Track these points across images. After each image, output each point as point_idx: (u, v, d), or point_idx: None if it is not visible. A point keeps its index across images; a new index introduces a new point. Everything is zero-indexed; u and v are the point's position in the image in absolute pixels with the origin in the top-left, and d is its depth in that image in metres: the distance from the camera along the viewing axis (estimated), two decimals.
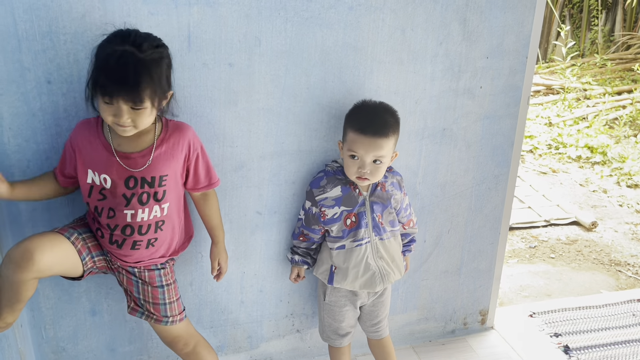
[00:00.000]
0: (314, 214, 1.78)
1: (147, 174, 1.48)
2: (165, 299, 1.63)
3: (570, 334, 2.34)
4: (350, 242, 1.75)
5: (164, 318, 1.64)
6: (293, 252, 1.89)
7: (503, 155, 2.07)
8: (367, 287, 1.79)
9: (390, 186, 1.78)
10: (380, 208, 1.75)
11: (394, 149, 1.70)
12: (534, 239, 3.42)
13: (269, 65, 1.70)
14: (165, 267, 1.64)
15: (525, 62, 1.95)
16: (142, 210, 1.51)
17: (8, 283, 1.39)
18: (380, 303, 1.88)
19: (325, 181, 1.76)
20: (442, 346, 2.25)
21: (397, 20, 1.77)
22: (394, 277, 1.82)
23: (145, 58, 1.35)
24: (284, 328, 2.08)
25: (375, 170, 1.66)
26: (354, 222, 1.74)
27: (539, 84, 6.60)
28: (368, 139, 1.62)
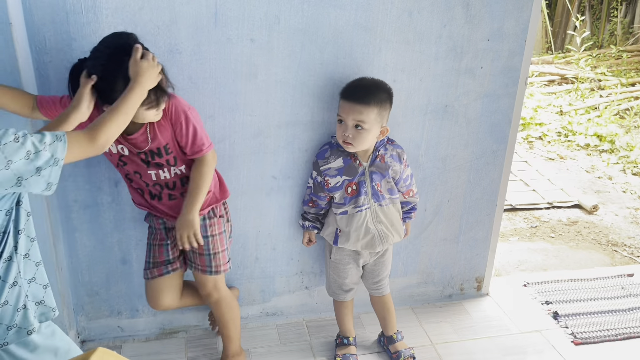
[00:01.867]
0: (320, 182, 1.97)
1: (152, 147, 1.66)
2: (210, 250, 1.82)
3: (561, 302, 2.51)
4: (352, 208, 1.94)
5: (207, 268, 1.83)
6: (304, 218, 2.08)
7: (501, 132, 2.23)
8: (368, 248, 1.98)
9: (389, 158, 1.94)
10: (379, 177, 1.92)
11: (378, 119, 1.82)
12: (535, 219, 3.57)
13: (287, 41, 1.87)
14: (211, 218, 1.82)
15: (524, 45, 2.10)
16: (162, 171, 1.71)
17: None
18: (381, 263, 2.07)
19: (329, 153, 1.95)
20: (439, 308, 2.44)
21: (405, 3, 1.93)
22: (392, 240, 2.01)
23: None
24: (294, 284, 2.28)
25: (358, 136, 1.81)
26: (354, 190, 1.92)
27: (553, 73, 6.68)
28: (349, 104, 1.80)
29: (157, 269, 1.84)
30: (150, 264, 1.85)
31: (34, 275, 1.23)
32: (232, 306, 1.96)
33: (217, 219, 1.84)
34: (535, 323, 2.37)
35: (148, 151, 1.67)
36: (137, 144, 1.65)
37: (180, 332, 2.22)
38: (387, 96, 1.86)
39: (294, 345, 2.18)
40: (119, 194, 1.95)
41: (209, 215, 1.83)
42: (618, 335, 2.30)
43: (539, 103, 5.72)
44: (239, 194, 2.04)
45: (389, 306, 2.15)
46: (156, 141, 1.66)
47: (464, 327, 2.32)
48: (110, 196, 1.95)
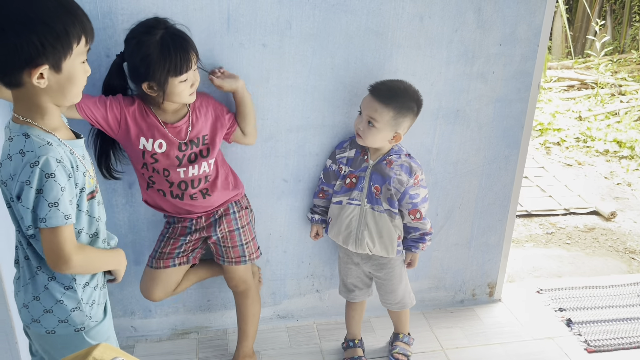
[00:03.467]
0: (334, 170, 1.99)
1: (192, 136, 1.74)
2: (242, 240, 1.90)
3: (575, 309, 2.48)
4: (346, 199, 1.95)
5: (242, 258, 1.91)
6: (313, 212, 2.10)
7: (513, 136, 2.22)
8: (344, 243, 1.98)
9: (397, 166, 1.89)
10: (380, 180, 1.90)
11: (392, 123, 1.81)
12: (551, 225, 3.54)
13: (298, 46, 1.90)
14: (239, 210, 1.89)
15: (536, 50, 2.09)
16: (192, 167, 1.76)
17: None
18: (382, 278, 2.02)
19: (348, 144, 1.98)
20: (451, 314, 2.43)
21: (416, 8, 1.94)
22: (370, 248, 1.94)
23: (180, 32, 1.61)
24: (305, 287, 2.29)
25: (368, 131, 1.83)
26: (352, 182, 1.93)
27: (573, 78, 6.61)
28: (369, 98, 1.83)
29: (164, 261, 1.88)
30: (157, 254, 1.89)
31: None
32: (256, 301, 2.02)
33: (244, 211, 1.92)
34: (548, 330, 2.35)
35: (188, 141, 1.73)
36: (180, 133, 1.72)
37: (192, 333, 2.25)
38: (413, 105, 1.83)
39: (304, 348, 2.19)
40: (132, 195, 1.99)
41: (237, 207, 1.89)
42: (632, 344, 2.26)
43: (557, 108, 5.66)
44: (251, 196, 2.07)
45: (401, 316, 2.15)
46: (196, 129, 1.74)
47: (475, 333, 2.31)
48: (125, 198, 1.99)
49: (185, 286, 2.00)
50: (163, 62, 1.56)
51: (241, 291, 1.99)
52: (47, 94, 1.17)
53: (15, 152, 1.16)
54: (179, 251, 1.89)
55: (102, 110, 1.67)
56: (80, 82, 1.21)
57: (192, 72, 1.64)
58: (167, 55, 1.56)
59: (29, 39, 1.08)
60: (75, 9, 1.16)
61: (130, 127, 1.70)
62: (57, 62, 1.13)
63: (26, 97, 1.17)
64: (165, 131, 1.71)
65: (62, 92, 1.18)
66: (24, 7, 1.08)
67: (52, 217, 1.17)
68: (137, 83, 1.62)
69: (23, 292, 1.31)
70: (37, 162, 1.13)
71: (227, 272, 1.96)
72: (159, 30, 1.57)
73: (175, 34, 1.60)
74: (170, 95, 1.62)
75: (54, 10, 1.11)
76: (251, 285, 2.00)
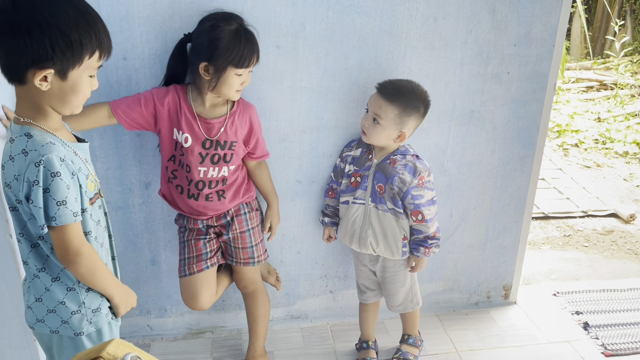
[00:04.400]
0: (342, 168, 2.00)
1: (221, 138, 1.76)
2: (252, 242, 1.92)
3: (592, 312, 2.45)
4: (352, 198, 1.96)
5: (251, 259, 1.92)
6: (323, 214, 2.10)
7: (529, 138, 2.20)
8: (350, 243, 1.99)
9: (401, 166, 1.87)
10: (383, 179, 1.89)
11: (397, 122, 1.80)
12: (569, 228, 3.50)
13: (312, 48, 1.91)
14: (250, 212, 1.91)
15: (552, 50, 2.08)
16: (212, 168, 1.78)
17: None
18: (386, 279, 2.01)
19: (356, 143, 1.99)
20: (465, 316, 2.41)
21: (430, 9, 1.94)
22: (374, 248, 1.94)
23: (251, 32, 1.68)
24: (319, 288, 2.30)
25: (372, 128, 1.83)
26: (357, 181, 1.94)
27: (592, 79, 6.52)
28: (375, 95, 1.84)
29: (197, 265, 1.86)
30: (188, 260, 1.88)
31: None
32: (266, 301, 2.04)
33: (255, 212, 1.94)
34: (565, 333, 2.32)
35: (215, 140, 1.75)
36: (210, 130, 1.74)
37: (207, 333, 2.27)
38: (419, 105, 1.83)
39: (317, 349, 2.20)
40: (149, 196, 2.02)
41: (248, 209, 1.91)
42: None
43: (575, 110, 5.59)
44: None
45: (408, 318, 2.14)
46: (229, 133, 1.76)
47: (489, 335, 2.29)
48: (141, 198, 2.02)
49: (222, 290, 2.01)
50: (231, 50, 1.61)
51: (251, 292, 2.00)
52: (48, 98, 1.18)
53: (18, 153, 1.16)
54: (206, 251, 1.89)
55: (138, 110, 1.71)
56: (83, 94, 1.22)
57: (248, 72, 1.68)
58: (237, 44, 1.62)
59: (41, 41, 1.10)
60: (95, 24, 1.18)
61: (164, 119, 1.74)
62: (63, 69, 1.15)
63: (28, 97, 1.18)
64: (193, 124, 1.73)
65: (62, 99, 1.19)
66: (44, 10, 1.10)
67: (61, 216, 1.18)
68: (196, 62, 1.64)
69: (27, 294, 1.33)
70: (41, 160, 1.14)
71: (236, 272, 1.98)
72: (236, 23, 1.65)
73: (248, 31, 1.67)
74: (222, 84, 1.65)
75: (74, 20, 1.13)
76: (260, 286, 2.02)
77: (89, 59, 1.17)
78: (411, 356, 2.11)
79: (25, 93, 1.18)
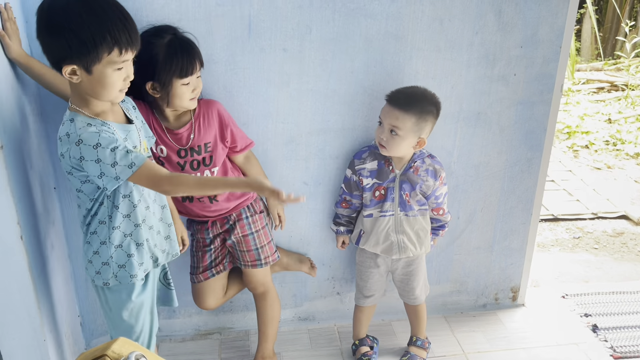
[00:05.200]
0: (355, 181, 2.00)
1: (194, 144, 1.77)
2: (257, 244, 1.93)
3: (601, 315, 2.43)
4: (377, 212, 1.96)
5: (258, 261, 1.94)
6: (337, 224, 2.11)
7: (536, 139, 2.20)
8: (386, 253, 2.00)
9: (423, 172, 1.93)
10: (409, 187, 1.93)
11: (415, 129, 1.82)
12: (579, 230, 3.47)
13: (318, 50, 1.92)
14: (253, 215, 1.93)
15: (559, 52, 2.07)
16: (195, 174, 1.78)
17: None
18: (410, 273, 2.06)
19: (367, 154, 1.98)
20: (473, 318, 2.41)
21: (436, 12, 1.94)
22: (413, 252, 1.99)
23: (187, 39, 1.68)
24: (326, 290, 2.31)
25: (392, 140, 1.84)
26: (382, 194, 1.94)
27: (602, 80, 6.47)
28: (389, 107, 1.83)
29: (203, 274, 1.96)
30: (195, 269, 1.98)
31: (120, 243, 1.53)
32: (275, 303, 2.05)
33: (259, 215, 1.95)
34: (573, 336, 2.31)
35: (188, 149, 1.76)
36: (180, 140, 1.75)
37: (214, 334, 2.29)
38: (432, 108, 1.85)
39: (324, 350, 2.21)
40: None
41: (250, 212, 1.92)
42: None
43: (585, 111, 5.55)
44: None
45: (421, 315, 2.15)
46: (198, 138, 1.77)
47: (497, 338, 2.29)
48: None
49: (233, 292, 2.08)
50: (169, 64, 1.60)
51: (260, 293, 2.02)
52: (84, 89, 1.37)
53: (63, 134, 1.38)
54: (210, 261, 1.95)
55: None
56: (112, 85, 1.37)
57: (195, 78, 1.67)
58: (174, 57, 1.61)
59: (59, 42, 1.29)
60: (109, 24, 1.30)
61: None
62: (86, 65, 1.32)
63: (73, 87, 1.39)
64: (163, 137, 1.75)
65: (93, 90, 1.37)
66: (60, 15, 1.29)
67: (137, 158, 1.35)
68: (142, 83, 1.63)
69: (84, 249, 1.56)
70: (81, 140, 1.33)
71: (245, 275, 2.00)
72: (168, 35, 1.64)
73: (183, 39, 1.67)
74: (173, 98, 1.66)
75: (87, 22, 1.28)
76: (270, 288, 2.03)
77: (109, 55, 1.32)
78: (419, 359, 2.11)
79: (71, 84, 1.38)
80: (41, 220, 1.70)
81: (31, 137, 1.67)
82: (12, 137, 1.49)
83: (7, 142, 1.45)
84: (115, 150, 1.33)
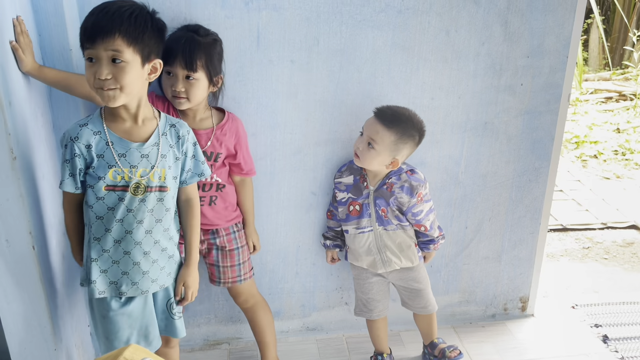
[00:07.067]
0: (334, 194, 2.03)
1: (208, 150, 1.79)
2: (240, 259, 1.94)
3: (611, 325, 2.41)
4: (354, 228, 1.97)
5: (238, 277, 1.94)
6: (325, 237, 2.12)
7: (543, 149, 2.20)
8: (371, 268, 2.01)
9: (398, 188, 1.90)
10: (384, 203, 1.93)
11: (392, 148, 1.81)
12: (588, 240, 3.45)
13: (326, 62, 1.94)
14: (240, 230, 1.94)
15: (565, 62, 2.08)
16: None
17: None
18: (410, 280, 2.04)
19: (345, 168, 2.01)
20: (482, 328, 2.40)
21: (442, 23, 1.96)
22: (398, 265, 1.98)
23: (201, 40, 1.70)
24: (334, 300, 2.31)
25: (367, 152, 1.84)
26: (357, 210, 1.95)
27: (610, 90, 6.46)
28: (373, 120, 1.85)
29: None
30: None
31: None
32: (267, 310, 2.06)
33: (242, 232, 1.97)
34: (583, 346, 2.29)
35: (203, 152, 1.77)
36: (199, 140, 1.74)
37: (223, 344, 2.29)
38: (415, 133, 1.84)
39: None
40: None
41: (237, 228, 1.94)
42: None
43: (594, 120, 5.54)
44: (280, 209, 2.11)
45: (432, 323, 2.14)
46: (215, 146, 1.80)
47: (507, 348, 2.27)
48: None
49: None
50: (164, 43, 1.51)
51: (251, 305, 2.02)
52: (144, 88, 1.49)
53: None
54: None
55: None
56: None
57: (182, 77, 1.68)
58: (172, 41, 1.67)
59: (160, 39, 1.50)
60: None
61: None
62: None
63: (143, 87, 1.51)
64: None
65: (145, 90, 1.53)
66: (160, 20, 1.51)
67: (62, 182, 1.50)
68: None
69: None
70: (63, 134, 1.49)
71: (231, 290, 2.00)
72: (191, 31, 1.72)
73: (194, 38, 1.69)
74: (162, 83, 1.73)
75: None
76: (260, 300, 2.04)
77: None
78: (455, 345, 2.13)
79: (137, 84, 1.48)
80: (52, 231, 1.72)
81: (43, 148, 1.70)
82: (24, 149, 1.52)
83: (19, 154, 1.47)
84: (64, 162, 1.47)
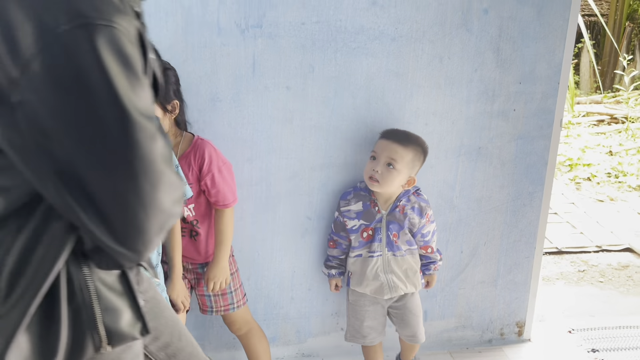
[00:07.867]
0: (341, 222, 2.01)
1: None
2: (232, 287, 1.92)
3: (609, 350, 2.40)
4: (366, 251, 1.96)
5: (231, 305, 1.92)
6: (328, 267, 2.10)
7: (537, 173, 2.22)
8: (376, 294, 1.99)
9: (409, 210, 1.93)
10: (397, 227, 1.93)
11: (410, 166, 1.86)
12: (583, 263, 3.45)
13: (321, 88, 1.96)
14: (231, 257, 1.92)
15: (557, 88, 2.11)
16: None
17: None
18: (406, 308, 2.03)
19: (352, 195, 2.00)
20: (479, 354, 2.38)
21: (435, 50, 1.99)
22: (404, 290, 1.98)
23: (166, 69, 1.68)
24: (329, 325, 2.29)
25: (387, 174, 1.84)
26: (370, 235, 1.95)
27: (602, 113, 6.54)
28: (387, 142, 1.86)
29: None
30: None
31: None
32: (262, 337, 2.04)
33: (232, 257, 1.94)
34: None
35: None
36: None
37: None
38: (422, 151, 1.91)
39: None
40: None
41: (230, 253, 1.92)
42: None
43: (587, 143, 5.59)
44: (275, 234, 2.11)
45: (415, 348, 2.15)
46: (183, 172, 1.75)
47: None
48: None
49: None
50: None
51: (246, 332, 2.00)
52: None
53: None
54: None
55: None
56: None
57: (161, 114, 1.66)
58: None
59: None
60: None
61: None
62: None
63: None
64: None
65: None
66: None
67: None
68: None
69: None
70: None
71: (226, 318, 1.98)
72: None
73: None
74: None
75: None
76: (255, 326, 2.02)
77: None
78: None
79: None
80: None
81: None
82: None
83: None
84: None
